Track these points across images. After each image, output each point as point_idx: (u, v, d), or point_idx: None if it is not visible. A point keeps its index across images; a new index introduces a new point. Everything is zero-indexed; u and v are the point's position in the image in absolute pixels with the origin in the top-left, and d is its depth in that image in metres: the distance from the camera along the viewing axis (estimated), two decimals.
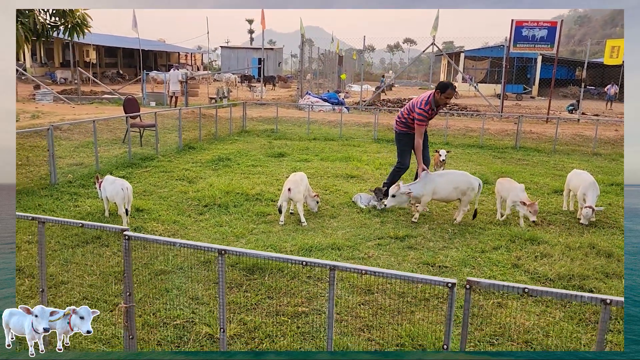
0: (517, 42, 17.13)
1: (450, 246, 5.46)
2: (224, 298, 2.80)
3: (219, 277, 2.77)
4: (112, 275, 4.35)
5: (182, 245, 2.85)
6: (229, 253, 2.74)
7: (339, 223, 6.17)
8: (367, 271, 2.53)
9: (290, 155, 10.48)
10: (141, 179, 7.89)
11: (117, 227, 2.92)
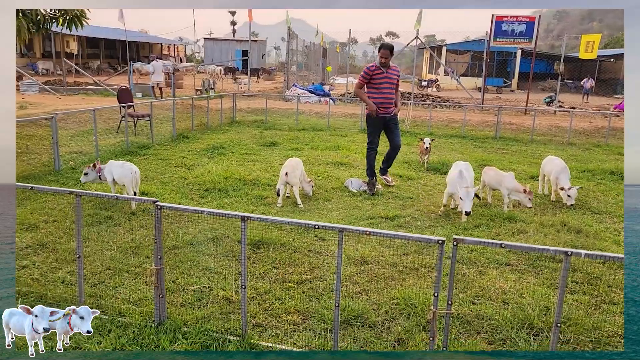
0: (497, 36, 17.73)
1: (436, 225, 5.96)
2: (245, 258, 3.22)
3: (242, 240, 3.19)
4: (129, 249, 4.74)
5: (209, 213, 3.26)
6: (250, 219, 3.16)
7: (332, 205, 6.62)
8: (371, 232, 2.97)
9: (282, 145, 10.88)
10: (141, 166, 8.19)
11: (148, 199, 3.31)
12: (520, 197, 6.36)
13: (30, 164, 7.86)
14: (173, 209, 3.35)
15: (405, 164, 9.43)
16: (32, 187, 3.63)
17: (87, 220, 5.45)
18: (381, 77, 7.15)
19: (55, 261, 4.39)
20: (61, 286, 3.94)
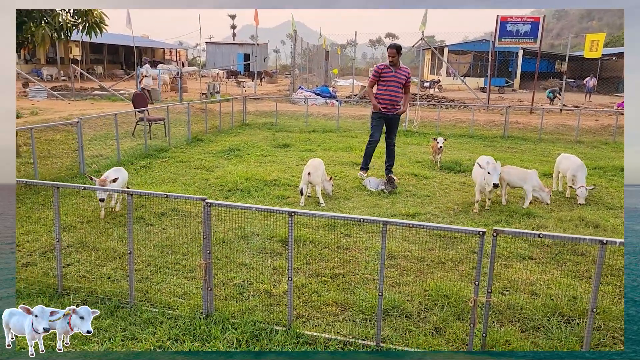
0: (502, 36, 17.92)
1: (456, 221, 6.13)
2: (293, 251, 3.39)
3: (289, 234, 3.35)
4: (165, 247, 4.91)
5: (257, 209, 3.42)
6: (298, 214, 3.33)
7: (353, 204, 6.79)
8: (414, 225, 3.14)
9: (295, 146, 11.06)
10: (162, 168, 8.40)
11: (197, 197, 3.48)
12: (542, 194, 6.56)
13: (55, 168, 8.04)
14: (222, 206, 3.52)
15: (418, 163, 9.60)
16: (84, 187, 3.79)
17: (121, 220, 5.62)
18: (389, 76, 7.59)
19: (98, 259, 4.56)
20: (108, 282, 4.11)
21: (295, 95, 21.12)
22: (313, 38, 37.10)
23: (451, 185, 7.92)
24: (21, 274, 4.18)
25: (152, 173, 8.06)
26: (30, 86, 23.59)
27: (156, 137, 11.72)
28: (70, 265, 4.41)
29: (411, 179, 8.17)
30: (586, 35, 17.90)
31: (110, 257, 4.62)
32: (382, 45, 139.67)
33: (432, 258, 4.90)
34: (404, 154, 10.57)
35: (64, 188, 5.39)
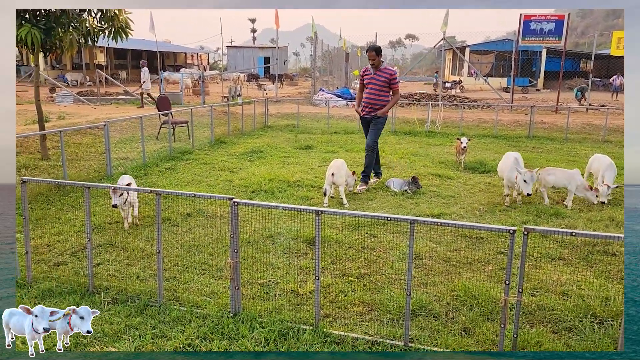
0: (526, 35, 17.65)
1: (482, 221, 6.05)
2: (319, 250, 3.39)
3: (316, 233, 3.35)
4: (192, 247, 4.96)
5: (284, 208, 3.43)
6: (324, 213, 3.32)
7: (377, 204, 6.76)
8: (442, 223, 3.11)
9: (317, 147, 11.07)
10: (186, 170, 8.50)
11: (225, 197, 3.51)
12: (587, 193, 6.48)
13: (83, 171, 8.20)
14: (249, 205, 3.54)
15: (442, 163, 9.51)
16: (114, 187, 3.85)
17: (148, 221, 5.70)
18: (368, 78, 7.55)
19: (127, 258, 4.64)
20: (137, 281, 4.17)
21: (316, 97, 21.16)
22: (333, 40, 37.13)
23: (476, 185, 7.82)
24: (53, 273, 4.27)
25: (177, 175, 8.16)
26: (57, 91, 24.16)
27: (180, 139, 11.87)
28: (100, 265, 4.49)
29: (435, 180, 8.10)
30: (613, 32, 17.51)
31: (138, 256, 4.69)
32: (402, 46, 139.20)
33: (459, 258, 4.84)
34: (427, 154, 10.49)
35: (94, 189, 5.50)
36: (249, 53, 52.95)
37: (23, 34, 7.59)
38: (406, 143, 12.09)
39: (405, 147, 11.43)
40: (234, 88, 24.77)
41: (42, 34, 7.90)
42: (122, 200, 5.11)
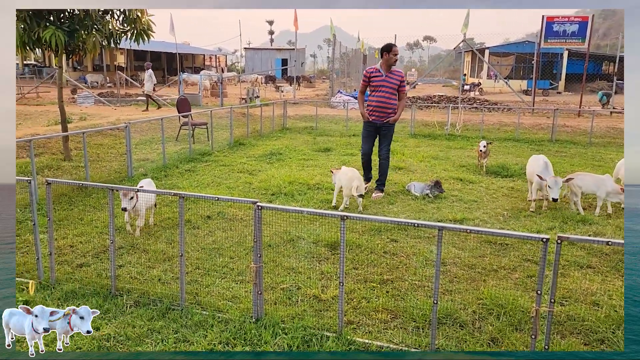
0: (548, 37, 17.37)
1: (507, 227, 5.92)
2: (344, 255, 3.33)
3: (341, 238, 3.29)
4: (212, 250, 4.93)
5: (309, 212, 3.38)
6: (350, 218, 3.27)
7: (398, 208, 6.67)
8: (471, 230, 3.02)
9: (336, 150, 11.01)
10: (206, 172, 8.51)
11: (248, 200, 3.47)
12: (620, 198, 6.31)
13: (104, 172, 8.27)
14: (274, 209, 3.49)
15: (463, 167, 9.38)
16: (137, 190, 3.84)
17: (168, 223, 5.70)
18: (379, 80, 7.02)
19: (148, 261, 4.63)
20: (159, 284, 4.15)
21: (334, 100, 21.11)
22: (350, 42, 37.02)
23: (499, 190, 7.68)
24: (76, 275, 4.27)
25: (197, 177, 8.18)
26: (78, 93, 24.51)
27: (199, 141, 11.92)
28: (122, 267, 4.49)
29: (456, 184, 7.98)
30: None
31: (160, 259, 4.68)
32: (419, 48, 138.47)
33: (484, 265, 4.74)
34: (447, 158, 10.36)
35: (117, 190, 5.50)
36: (267, 55, 53.17)
37: (47, 35, 7.68)
38: (426, 146, 11.96)
39: (425, 150, 11.31)
40: (252, 90, 24.85)
41: (65, 36, 7.98)
42: (131, 205, 4.96)
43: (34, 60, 38.85)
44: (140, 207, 5.12)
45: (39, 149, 9.37)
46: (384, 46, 7.07)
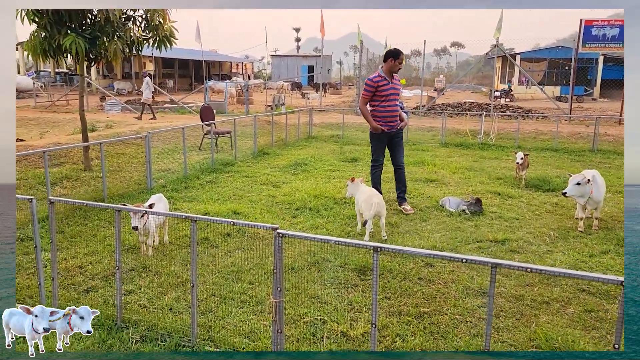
0: (587, 42, 16.58)
1: (555, 250, 5.35)
2: (377, 294, 2.86)
3: (374, 273, 2.83)
4: (231, 274, 4.52)
5: (337, 242, 2.93)
6: (384, 250, 2.80)
7: (431, 226, 6.15)
8: (533, 269, 2.52)
9: (363, 160, 10.54)
10: (227, 184, 8.15)
11: (268, 226, 3.04)
12: None
13: (124, 183, 7.99)
14: (296, 237, 3.06)
15: (499, 180, 8.77)
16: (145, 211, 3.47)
17: (185, 241, 5.33)
18: (387, 89, 6.55)
19: (160, 286, 4.25)
20: (169, 314, 3.76)
21: None
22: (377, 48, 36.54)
23: (541, 206, 7.08)
24: (81, 301, 3.91)
25: (218, 188, 7.82)
26: (106, 100, 24.70)
27: (222, 150, 11.62)
28: (131, 293, 4.11)
29: (494, 199, 7.41)
30: None
31: (173, 283, 4.29)
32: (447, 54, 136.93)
33: (533, 296, 4.19)
34: (482, 169, 9.76)
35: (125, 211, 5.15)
36: (293, 62, 53.12)
37: (68, 43, 7.47)
38: (458, 156, 11.38)
39: (457, 160, 10.73)
40: (278, 97, 24.61)
41: (86, 43, 7.77)
42: (142, 223, 4.61)
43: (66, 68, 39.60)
44: (150, 225, 4.76)
45: (60, 158, 9.19)
46: (391, 52, 6.60)
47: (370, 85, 6.57)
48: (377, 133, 6.75)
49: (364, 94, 6.67)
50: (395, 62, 6.53)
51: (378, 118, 6.69)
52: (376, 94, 6.59)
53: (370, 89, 6.57)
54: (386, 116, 6.69)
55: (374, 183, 6.93)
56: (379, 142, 6.88)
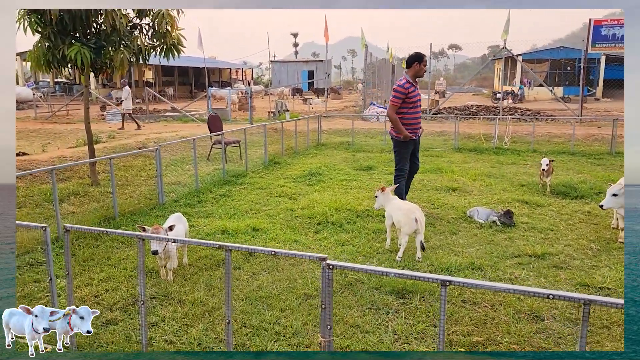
0: (596, 41, 16.31)
1: (600, 264, 5.01)
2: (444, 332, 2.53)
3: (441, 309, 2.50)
4: (260, 300, 4.18)
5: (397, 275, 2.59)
6: (453, 284, 2.47)
7: (463, 240, 5.81)
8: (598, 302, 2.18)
9: (378, 168, 10.22)
10: (242, 197, 7.81)
11: (314, 256, 2.70)
12: None
13: (134, 198, 7.65)
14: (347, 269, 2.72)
15: (523, 187, 8.44)
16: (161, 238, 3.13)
17: (206, 263, 4.99)
18: (415, 94, 6.39)
19: (185, 316, 3.90)
20: (199, 349, 3.41)
21: (367, 112, 20.34)
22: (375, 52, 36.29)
23: (574, 215, 6.75)
24: (101, 337, 3.57)
25: (233, 202, 7.48)
26: (107, 110, 24.38)
27: (231, 160, 11.29)
28: (155, 326, 3.76)
29: (523, 208, 7.08)
30: None
31: (198, 313, 3.95)
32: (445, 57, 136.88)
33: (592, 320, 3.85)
34: (502, 175, 9.43)
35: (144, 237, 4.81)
36: (293, 67, 52.85)
37: (72, 53, 7.16)
38: (474, 162, 11.06)
39: (474, 166, 10.41)
40: (280, 103, 24.31)
41: (92, 54, 7.46)
42: (162, 247, 4.24)
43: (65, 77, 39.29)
44: (170, 247, 4.42)
45: (66, 172, 8.84)
46: (415, 56, 6.42)
47: (400, 92, 6.33)
48: (406, 141, 6.48)
49: (394, 101, 6.40)
50: (420, 66, 6.36)
51: (406, 125, 6.43)
52: (405, 100, 6.36)
53: (401, 95, 6.33)
54: (413, 123, 6.47)
55: (400, 194, 6.58)
56: (406, 150, 6.60)
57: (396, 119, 6.41)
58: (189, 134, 14.67)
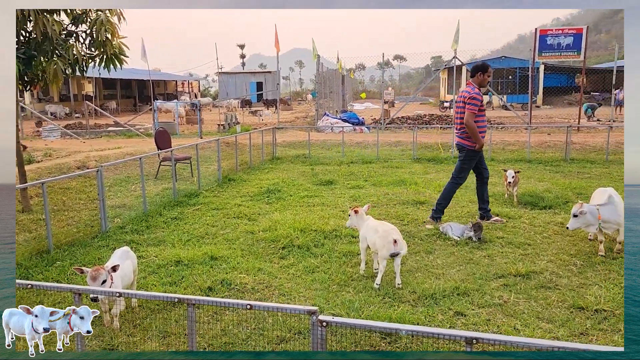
0: (542, 50, 16.69)
1: (588, 282, 4.73)
2: None
3: None
4: (225, 346, 3.57)
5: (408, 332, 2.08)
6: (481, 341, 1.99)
7: (441, 260, 5.42)
8: None
9: (340, 182, 9.77)
10: (196, 219, 7.12)
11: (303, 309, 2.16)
12: None
13: (72, 226, 6.80)
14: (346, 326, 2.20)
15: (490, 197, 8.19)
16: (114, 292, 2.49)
17: (159, 304, 4.31)
18: (483, 104, 6.39)
19: None
20: None
21: (321, 123, 19.97)
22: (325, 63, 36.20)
23: (547, 226, 6.53)
24: None
25: (186, 226, 6.79)
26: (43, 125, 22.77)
27: (181, 177, 10.53)
28: None
29: None
30: None
31: None
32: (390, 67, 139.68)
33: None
34: (466, 186, 9.04)
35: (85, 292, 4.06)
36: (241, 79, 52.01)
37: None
38: (435, 172, 10.83)
39: (436, 177, 10.16)
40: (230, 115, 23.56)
41: (21, 64, 6.61)
42: None
43: None
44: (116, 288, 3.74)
45: None
46: (479, 66, 6.43)
47: (478, 99, 6.25)
48: (477, 151, 6.49)
49: (472, 109, 6.25)
50: (484, 76, 6.34)
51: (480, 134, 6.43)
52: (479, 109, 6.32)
53: (479, 103, 6.26)
54: (482, 131, 6.42)
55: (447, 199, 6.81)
56: (474, 161, 6.63)
57: (473, 127, 6.27)
58: (134, 150, 13.72)
